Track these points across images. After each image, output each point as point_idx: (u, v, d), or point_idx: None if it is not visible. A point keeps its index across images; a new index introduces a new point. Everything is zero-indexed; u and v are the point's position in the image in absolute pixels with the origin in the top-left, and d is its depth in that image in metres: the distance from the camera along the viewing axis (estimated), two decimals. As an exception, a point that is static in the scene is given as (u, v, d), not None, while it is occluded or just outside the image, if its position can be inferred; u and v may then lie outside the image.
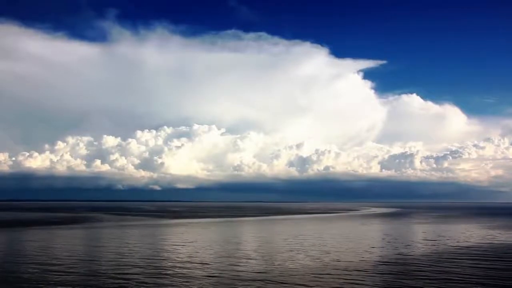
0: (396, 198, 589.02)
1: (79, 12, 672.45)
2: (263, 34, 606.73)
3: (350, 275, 26.95)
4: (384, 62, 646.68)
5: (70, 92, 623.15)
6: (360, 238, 50.89)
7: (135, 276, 26.42)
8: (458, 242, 46.80)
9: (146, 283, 24.66)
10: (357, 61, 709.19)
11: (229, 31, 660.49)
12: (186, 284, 24.51)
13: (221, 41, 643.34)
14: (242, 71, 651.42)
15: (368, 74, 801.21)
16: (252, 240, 49.50)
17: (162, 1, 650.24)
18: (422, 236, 54.61)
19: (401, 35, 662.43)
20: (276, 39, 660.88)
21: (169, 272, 27.97)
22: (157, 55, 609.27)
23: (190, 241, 47.07)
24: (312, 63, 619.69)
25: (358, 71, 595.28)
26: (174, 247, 41.71)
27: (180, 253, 36.94)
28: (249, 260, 32.91)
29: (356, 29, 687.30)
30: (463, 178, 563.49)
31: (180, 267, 29.66)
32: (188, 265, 30.74)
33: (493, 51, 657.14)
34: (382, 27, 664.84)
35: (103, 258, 34.36)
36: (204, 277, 26.27)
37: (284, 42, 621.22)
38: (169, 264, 31.23)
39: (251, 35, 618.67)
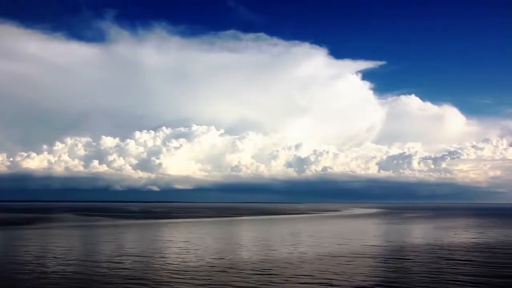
0: (395, 199, 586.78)
1: (77, 12, 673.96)
2: (262, 34, 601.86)
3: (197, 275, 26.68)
4: (383, 62, 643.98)
5: (69, 92, 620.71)
6: (281, 238, 50.53)
7: None
8: (379, 241, 46.53)
9: None
10: (356, 61, 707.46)
11: (228, 32, 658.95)
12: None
13: (220, 41, 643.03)
14: (241, 72, 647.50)
15: (367, 75, 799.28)
16: (180, 240, 49.07)
17: (160, 1, 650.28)
18: (351, 235, 54.03)
19: (400, 36, 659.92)
20: (275, 39, 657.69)
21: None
22: (155, 56, 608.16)
23: (112, 241, 47.03)
24: (311, 63, 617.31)
25: (357, 72, 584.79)
26: (87, 246, 41.56)
27: (79, 253, 36.78)
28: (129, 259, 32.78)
29: (355, 30, 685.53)
30: (461, 179, 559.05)
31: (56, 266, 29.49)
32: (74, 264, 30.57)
33: (492, 52, 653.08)
34: (381, 28, 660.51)
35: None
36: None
37: (283, 42, 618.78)
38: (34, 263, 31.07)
39: (250, 35, 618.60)
